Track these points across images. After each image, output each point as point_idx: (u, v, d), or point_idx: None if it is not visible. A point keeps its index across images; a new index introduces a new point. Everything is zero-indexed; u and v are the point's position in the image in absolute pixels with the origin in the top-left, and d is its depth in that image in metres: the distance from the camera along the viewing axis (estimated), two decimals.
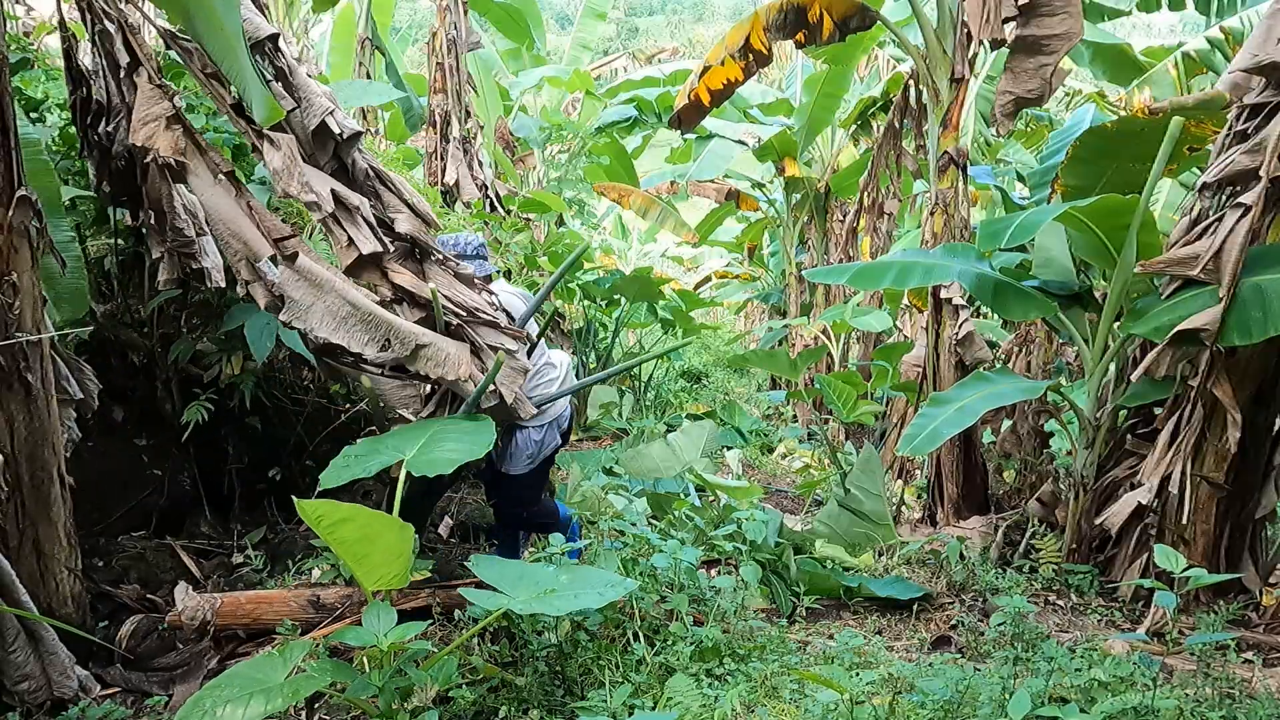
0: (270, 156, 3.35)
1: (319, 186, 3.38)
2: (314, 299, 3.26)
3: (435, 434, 3.34)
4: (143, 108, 3.19)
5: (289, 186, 3.34)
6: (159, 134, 3.19)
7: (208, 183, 3.27)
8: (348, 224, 3.43)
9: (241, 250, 3.23)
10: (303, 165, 3.39)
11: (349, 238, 3.41)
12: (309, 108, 3.52)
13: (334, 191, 3.42)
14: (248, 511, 4.73)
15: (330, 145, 3.55)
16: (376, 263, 3.49)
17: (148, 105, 3.19)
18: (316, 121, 3.49)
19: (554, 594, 2.72)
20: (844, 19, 6.00)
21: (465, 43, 8.85)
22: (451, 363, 3.37)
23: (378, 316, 3.31)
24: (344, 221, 3.43)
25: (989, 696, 2.76)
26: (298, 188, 3.32)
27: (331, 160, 3.59)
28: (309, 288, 3.27)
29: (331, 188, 3.42)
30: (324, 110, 3.49)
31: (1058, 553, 4.82)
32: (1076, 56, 8.65)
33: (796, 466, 8.87)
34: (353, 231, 3.43)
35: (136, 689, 3.29)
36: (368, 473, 3.22)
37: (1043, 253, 5.17)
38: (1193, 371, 4.32)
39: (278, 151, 3.35)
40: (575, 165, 11.43)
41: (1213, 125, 4.93)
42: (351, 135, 3.56)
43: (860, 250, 10.03)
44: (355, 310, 3.29)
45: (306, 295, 3.26)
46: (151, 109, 3.20)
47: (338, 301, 3.28)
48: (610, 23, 24.96)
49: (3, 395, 3.11)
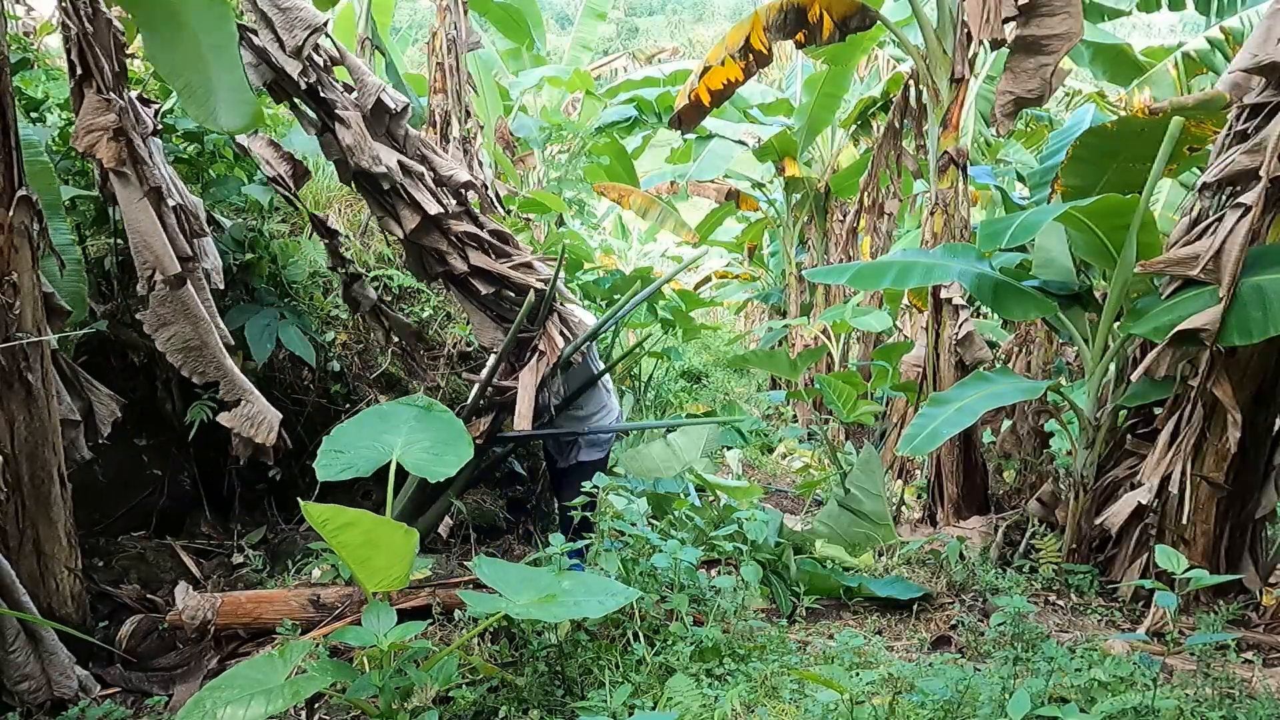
0: (343, 135, 3.77)
1: (387, 158, 3.84)
2: (178, 323, 3.54)
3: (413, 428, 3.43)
4: (87, 117, 3.34)
5: (360, 160, 3.80)
6: (101, 144, 3.34)
7: (135, 195, 3.44)
8: (413, 189, 3.91)
9: (152, 262, 3.43)
10: (371, 141, 3.80)
11: (415, 201, 3.89)
12: (364, 88, 3.91)
13: (399, 161, 3.83)
14: (248, 511, 4.74)
15: (385, 119, 3.95)
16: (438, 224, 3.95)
17: (93, 115, 3.34)
18: (373, 100, 3.89)
19: (554, 600, 2.72)
20: (844, 19, 6.00)
21: (465, 43, 8.84)
22: (261, 427, 3.69)
23: (219, 360, 3.65)
24: (409, 188, 3.90)
25: (989, 696, 2.76)
26: (369, 161, 3.78)
27: (385, 136, 4.00)
28: (180, 312, 3.54)
29: (397, 158, 3.84)
30: (377, 88, 3.89)
31: (1058, 553, 4.82)
32: (1076, 56, 8.65)
33: (796, 466, 8.88)
34: (419, 196, 3.91)
35: (136, 689, 3.29)
36: (365, 472, 3.24)
37: (1043, 253, 5.17)
38: (1193, 371, 4.32)
39: (348, 130, 3.78)
40: (575, 165, 11.42)
41: (1213, 125, 4.93)
42: (402, 109, 3.99)
43: (860, 250, 10.03)
44: (205, 348, 3.60)
45: (173, 317, 3.53)
46: (96, 119, 3.35)
47: (194, 334, 3.57)
48: (610, 23, 24.98)
49: (3, 395, 3.11)
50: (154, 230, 3.45)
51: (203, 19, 3.13)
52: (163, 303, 3.50)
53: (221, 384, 3.64)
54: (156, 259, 3.44)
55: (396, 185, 3.85)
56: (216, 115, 3.21)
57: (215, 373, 3.62)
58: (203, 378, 3.60)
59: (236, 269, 4.52)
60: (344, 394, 4.89)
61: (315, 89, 3.74)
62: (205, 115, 3.24)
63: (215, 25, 3.16)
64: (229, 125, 3.29)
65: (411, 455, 3.28)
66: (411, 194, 3.89)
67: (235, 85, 3.23)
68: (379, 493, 4.61)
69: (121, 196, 3.40)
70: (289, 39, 3.65)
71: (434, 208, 3.91)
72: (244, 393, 3.68)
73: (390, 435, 3.37)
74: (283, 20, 3.68)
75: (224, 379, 3.64)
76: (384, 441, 3.33)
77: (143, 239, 3.43)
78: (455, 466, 3.28)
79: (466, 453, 3.35)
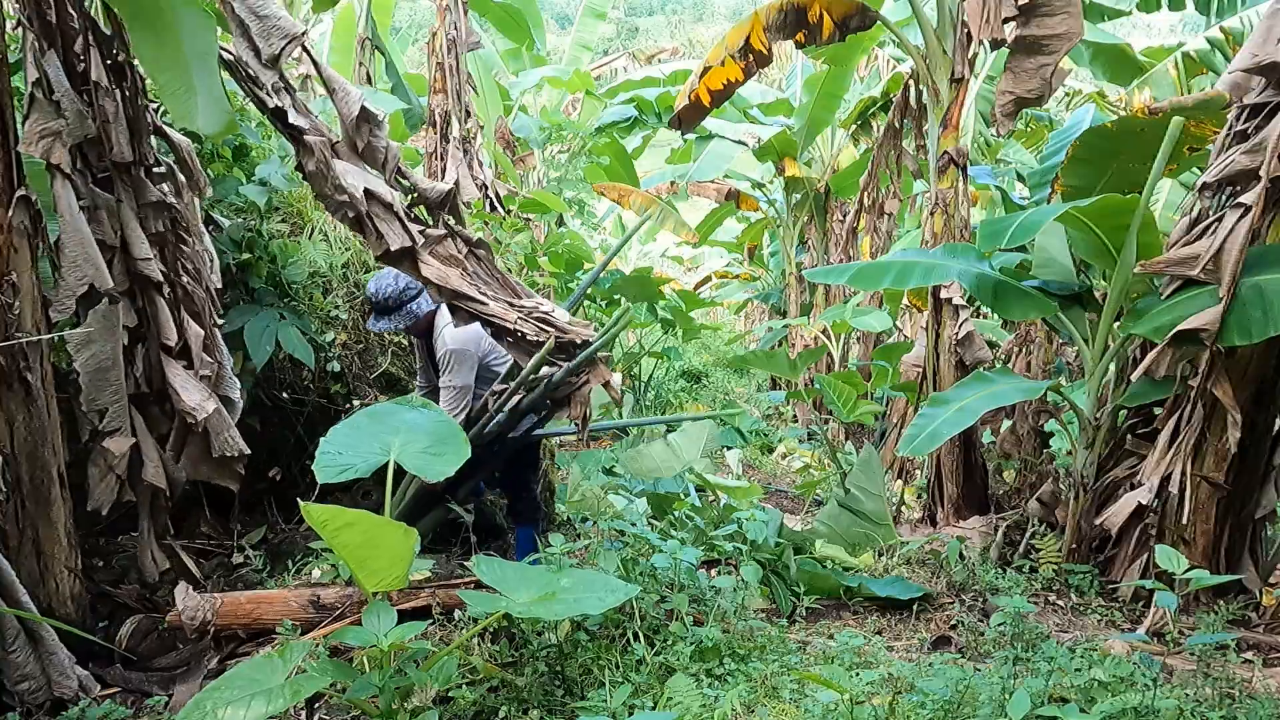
0: (305, 161, 3.61)
1: (354, 182, 3.64)
2: (100, 341, 3.47)
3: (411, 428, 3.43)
4: (39, 122, 3.31)
5: (322, 188, 3.62)
6: (55, 148, 3.32)
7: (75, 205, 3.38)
8: (380, 220, 3.68)
9: (90, 276, 3.38)
10: (336, 166, 3.62)
11: (379, 233, 3.67)
12: (345, 96, 3.74)
13: (368, 189, 3.64)
14: (248, 511, 4.73)
15: (366, 130, 3.77)
16: (407, 256, 3.75)
17: (45, 120, 3.31)
18: (357, 108, 3.72)
19: (554, 598, 2.72)
20: (844, 19, 6.00)
21: (465, 43, 8.84)
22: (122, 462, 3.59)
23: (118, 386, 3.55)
24: (376, 218, 3.68)
25: (989, 696, 2.76)
26: (331, 189, 3.60)
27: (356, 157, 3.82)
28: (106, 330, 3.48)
29: (365, 186, 3.65)
30: (359, 97, 3.74)
31: (1058, 553, 4.82)
32: (1076, 56, 8.64)
33: (796, 466, 8.88)
34: (384, 228, 3.68)
35: (136, 689, 3.29)
36: (364, 473, 3.24)
37: (1043, 253, 5.17)
38: (1193, 371, 4.32)
39: (311, 156, 3.59)
40: (575, 165, 11.42)
41: (1213, 125, 4.93)
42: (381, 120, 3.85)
43: (860, 250, 10.04)
44: (114, 368, 3.52)
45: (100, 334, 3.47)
46: (49, 124, 3.32)
47: (109, 355, 3.50)
48: (610, 23, 24.93)
49: (3, 395, 3.12)
50: (91, 241, 3.39)
51: (187, 22, 3.16)
52: (100, 319, 3.43)
53: (110, 410, 3.53)
54: (97, 272, 3.37)
55: (361, 215, 3.64)
56: (194, 117, 3.21)
57: (110, 398, 3.52)
58: (93, 405, 3.49)
59: (235, 269, 4.52)
60: (344, 394, 4.89)
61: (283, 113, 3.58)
62: (183, 115, 3.23)
63: (198, 30, 3.18)
64: (206, 129, 3.28)
65: (409, 455, 3.28)
66: (377, 225, 3.67)
67: (214, 91, 3.23)
68: (379, 492, 4.61)
69: (61, 206, 3.34)
70: (266, 48, 3.57)
71: (398, 243, 3.68)
72: (124, 424, 3.59)
73: (388, 435, 3.36)
74: (260, 28, 3.61)
75: (115, 404, 3.54)
76: (382, 442, 3.33)
77: (84, 251, 3.36)
78: (454, 466, 3.28)
79: (465, 452, 3.35)
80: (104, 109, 3.48)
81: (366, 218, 3.64)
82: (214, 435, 3.79)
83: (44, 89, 3.32)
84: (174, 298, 3.80)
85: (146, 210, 3.67)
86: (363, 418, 3.50)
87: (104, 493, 3.58)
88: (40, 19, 3.34)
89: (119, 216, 3.58)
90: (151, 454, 3.70)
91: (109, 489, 3.59)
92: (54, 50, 3.35)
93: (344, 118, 3.73)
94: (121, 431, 3.57)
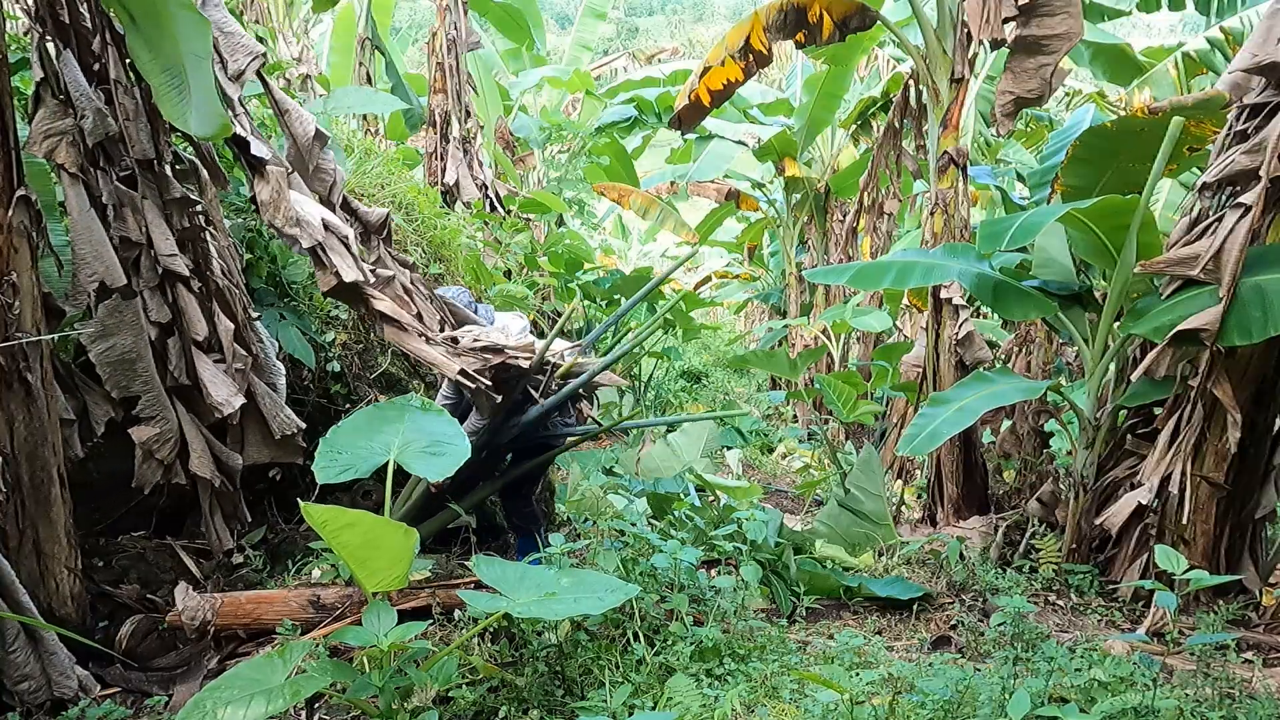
0: (260, 189, 3.63)
1: (309, 211, 3.68)
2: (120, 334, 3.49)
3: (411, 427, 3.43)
4: (45, 122, 3.32)
5: (274, 219, 3.65)
6: (60, 148, 3.33)
7: (85, 204, 3.40)
8: (334, 253, 3.73)
9: (100, 273, 3.40)
10: (290, 197, 3.67)
11: (334, 266, 3.72)
12: (299, 116, 3.79)
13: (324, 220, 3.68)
14: (248, 511, 4.72)
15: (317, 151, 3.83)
16: (357, 290, 3.81)
17: (51, 120, 3.32)
18: (312, 129, 3.77)
19: (554, 598, 2.72)
20: (844, 19, 6.00)
21: (465, 43, 8.85)
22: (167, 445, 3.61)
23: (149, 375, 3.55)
24: (329, 251, 3.73)
25: (989, 696, 2.76)
26: (282, 221, 3.63)
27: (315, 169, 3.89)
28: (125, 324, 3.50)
29: (322, 216, 3.68)
30: (311, 119, 3.78)
31: (1058, 553, 4.82)
32: (1076, 56, 8.65)
33: (796, 466, 8.88)
34: (337, 260, 3.74)
35: (136, 689, 3.29)
36: (364, 473, 3.24)
37: (1043, 253, 5.17)
38: (1193, 371, 4.32)
39: (267, 185, 3.63)
40: (575, 165, 11.43)
41: (1213, 125, 4.93)
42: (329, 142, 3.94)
43: (860, 250, 10.03)
44: (139, 360, 3.52)
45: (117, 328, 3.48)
46: (55, 124, 3.33)
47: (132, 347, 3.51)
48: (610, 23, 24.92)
49: (3, 395, 3.11)
50: (104, 240, 3.41)
51: (183, 24, 3.16)
52: (111, 313, 3.45)
53: (143, 398, 3.54)
54: (106, 269, 3.39)
55: (316, 246, 3.71)
56: (188, 119, 3.22)
57: (140, 387, 3.53)
58: (124, 392, 3.50)
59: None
60: (344, 394, 4.88)
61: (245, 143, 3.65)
62: (176, 116, 3.24)
63: (194, 33, 3.18)
64: (199, 131, 3.29)
65: (409, 455, 3.28)
66: (330, 257, 3.74)
67: (208, 94, 3.24)
68: (379, 492, 4.61)
69: (72, 205, 3.35)
70: (232, 63, 3.67)
71: (350, 275, 3.75)
72: (162, 409, 3.61)
73: (388, 435, 3.37)
74: (227, 43, 3.71)
75: (147, 393, 3.54)
76: (382, 442, 3.33)
77: (93, 249, 3.38)
78: (453, 466, 3.28)
79: (464, 452, 3.35)
80: (124, 106, 3.48)
81: (320, 249, 3.71)
82: (269, 419, 3.89)
83: (50, 89, 3.32)
84: (204, 291, 3.80)
85: (171, 206, 3.67)
86: (363, 418, 3.50)
87: (146, 474, 3.64)
88: (54, 19, 3.35)
89: (142, 213, 3.57)
90: (196, 444, 3.72)
91: (151, 471, 3.64)
92: (69, 50, 3.36)
93: (298, 138, 3.77)
94: (154, 420, 3.59)
